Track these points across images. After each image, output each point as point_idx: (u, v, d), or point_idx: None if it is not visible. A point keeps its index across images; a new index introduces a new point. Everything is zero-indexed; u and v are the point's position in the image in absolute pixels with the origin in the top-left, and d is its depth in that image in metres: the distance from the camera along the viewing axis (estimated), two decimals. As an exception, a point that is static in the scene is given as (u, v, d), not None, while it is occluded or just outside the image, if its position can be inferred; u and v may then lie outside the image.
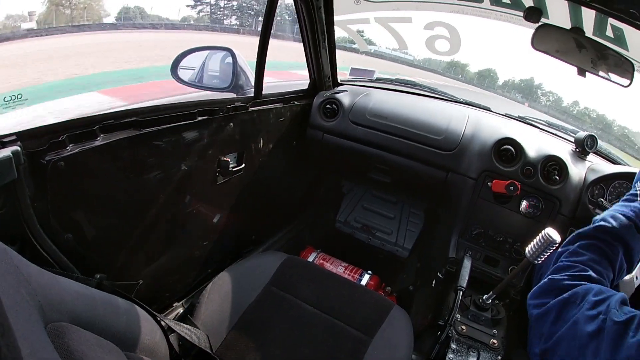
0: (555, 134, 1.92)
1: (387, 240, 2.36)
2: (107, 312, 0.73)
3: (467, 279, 1.41)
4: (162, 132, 1.16)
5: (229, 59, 1.67)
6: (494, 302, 1.48)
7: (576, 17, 1.38)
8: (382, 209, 2.44)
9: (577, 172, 1.55)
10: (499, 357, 1.34)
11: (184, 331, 1.00)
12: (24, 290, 0.52)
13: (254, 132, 1.62)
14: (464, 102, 2.11)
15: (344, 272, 1.90)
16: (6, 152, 0.77)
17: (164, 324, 0.94)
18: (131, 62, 8.55)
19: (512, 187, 1.49)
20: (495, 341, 1.38)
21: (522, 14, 1.42)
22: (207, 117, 1.33)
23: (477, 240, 1.66)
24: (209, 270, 1.66)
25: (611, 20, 1.35)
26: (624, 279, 1.02)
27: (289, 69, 8.56)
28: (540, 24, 1.36)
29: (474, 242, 1.67)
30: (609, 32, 1.42)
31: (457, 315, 1.44)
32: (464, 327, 1.41)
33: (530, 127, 1.96)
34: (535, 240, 1.15)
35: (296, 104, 1.87)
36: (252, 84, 1.60)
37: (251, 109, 1.55)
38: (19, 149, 0.80)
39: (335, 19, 1.79)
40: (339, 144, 1.89)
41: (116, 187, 1.09)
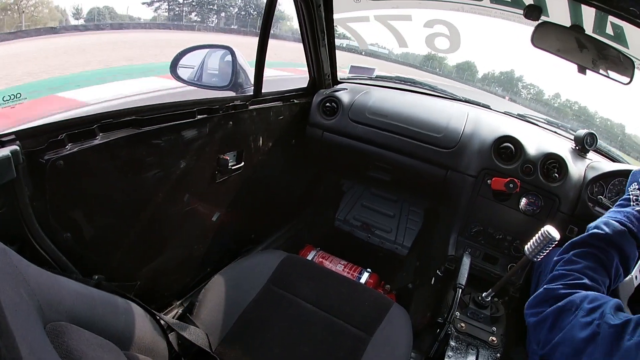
0: (555, 132, 1.92)
1: (387, 238, 2.36)
2: (106, 311, 0.73)
3: (466, 276, 1.41)
4: (161, 131, 1.16)
5: (229, 58, 1.67)
6: (493, 299, 1.48)
7: (576, 14, 1.38)
8: (381, 207, 2.44)
9: (576, 169, 1.55)
10: (498, 355, 1.35)
11: (183, 330, 1.00)
12: (22, 290, 0.52)
13: (253, 131, 1.62)
14: (463, 100, 2.11)
15: (343, 270, 1.91)
16: (5, 152, 0.77)
17: (163, 323, 0.94)
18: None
19: (511, 185, 1.49)
20: (494, 338, 1.38)
21: (522, 11, 1.42)
22: (206, 115, 1.32)
23: (476, 238, 1.66)
24: (208, 269, 1.66)
25: (611, 18, 1.35)
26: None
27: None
28: (540, 21, 1.36)
29: (473, 240, 1.67)
30: (609, 29, 1.42)
31: (456, 312, 1.44)
32: (463, 324, 1.41)
33: (529, 124, 1.96)
34: (534, 237, 1.15)
35: (295, 102, 1.86)
36: (252, 83, 1.60)
37: (250, 108, 1.54)
38: (17, 148, 0.80)
39: (334, 17, 1.78)
40: (339, 142, 1.89)
41: (115, 186, 1.08)
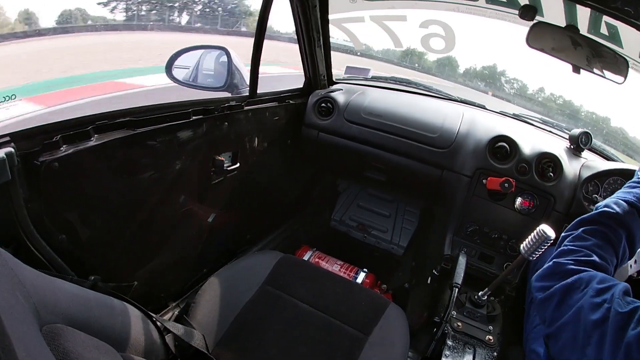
0: (549, 131, 1.93)
1: (383, 238, 2.36)
2: (102, 313, 0.73)
3: (462, 276, 1.41)
4: (157, 132, 1.16)
5: (224, 58, 1.66)
6: (490, 298, 1.49)
7: (571, 15, 1.39)
8: (377, 207, 2.44)
9: (571, 168, 1.56)
10: (495, 353, 1.35)
11: (180, 331, 0.99)
12: (18, 292, 0.51)
13: (248, 131, 1.62)
14: (458, 100, 2.12)
15: (339, 270, 1.90)
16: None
17: (159, 325, 0.94)
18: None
19: (506, 184, 1.50)
20: (491, 337, 1.38)
21: (517, 11, 1.43)
22: (201, 116, 1.32)
23: (472, 237, 1.67)
24: (205, 270, 1.65)
25: (606, 17, 1.36)
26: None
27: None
28: (535, 21, 1.37)
29: (469, 240, 1.68)
30: (604, 29, 1.42)
31: (453, 312, 1.44)
32: (459, 323, 1.42)
33: (524, 124, 1.97)
34: (530, 236, 1.16)
35: (291, 102, 1.86)
36: (247, 83, 1.60)
37: (246, 108, 1.54)
38: (12, 150, 0.80)
39: (330, 17, 1.78)
40: (334, 143, 1.89)
41: (110, 188, 1.08)
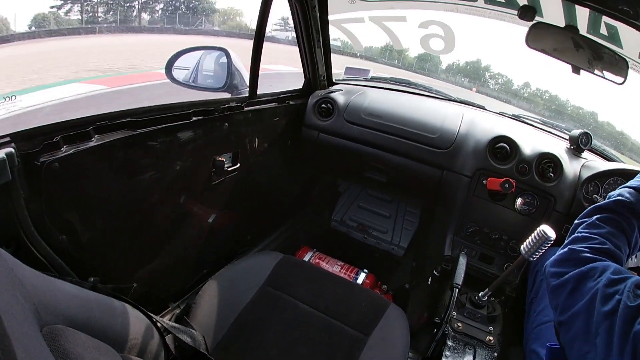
0: (549, 132, 1.93)
1: (383, 239, 2.36)
2: (102, 314, 0.73)
3: (462, 276, 1.41)
4: (157, 133, 1.16)
5: (224, 59, 1.67)
6: (490, 299, 1.48)
7: (570, 15, 1.39)
8: (377, 208, 2.44)
9: (571, 169, 1.56)
10: (495, 354, 1.35)
11: (180, 332, 0.99)
12: (18, 293, 0.51)
13: (248, 132, 1.62)
14: (458, 100, 2.12)
15: (340, 271, 1.90)
16: (0, 154, 0.77)
17: (159, 326, 0.94)
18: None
19: (507, 185, 1.50)
20: (491, 338, 1.38)
21: (516, 12, 1.43)
22: (201, 117, 1.32)
23: (472, 238, 1.67)
24: (205, 270, 1.65)
25: (605, 18, 1.36)
26: None
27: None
28: (534, 22, 1.37)
29: (469, 240, 1.68)
30: (603, 30, 1.43)
31: (453, 312, 1.44)
32: (460, 324, 1.42)
33: (524, 125, 1.97)
34: (530, 237, 1.16)
35: (291, 103, 1.86)
36: (247, 84, 1.59)
37: (246, 109, 1.54)
38: (12, 150, 0.80)
39: (329, 18, 1.78)
40: (334, 143, 1.89)
41: (111, 188, 1.08)
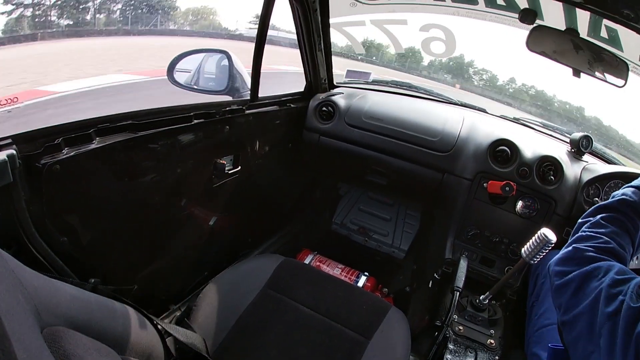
0: (550, 135, 1.93)
1: (384, 242, 2.36)
2: (103, 315, 0.73)
3: (463, 279, 1.41)
4: (158, 135, 1.16)
5: (225, 62, 1.67)
6: (491, 302, 1.48)
7: (571, 18, 1.40)
8: (378, 211, 2.44)
9: (572, 172, 1.56)
10: (497, 357, 1.35)
11: (181, 335, 0.99)
12: (19, 294, 0.51)
13: (250, 135, 1.62)
14: (459, 103, 2.12)
15: (340, 274, 1.90)
16: (1, 156, 0.77)
17: (160, 328, 0.94)
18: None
19: (507, 188, 1.50)
20: (492, 341, 1.38)
21: (517, 15, 1.43)
22: (203, 120, 1.32)
23: (473, 241, 1.66)
24: (206, 273, 1.65)
25: (605, 21, 1.37)
26: None
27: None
28: (534, 25, 1.37)
29: (470, 243, 1.67)
30: (604, 33, 1.43)
31: (454, 315, 1.44)
32: (461, 327, 1.41)
33: (525, 128, 1.97)
34: (531, 240, 1.15)
35: (292, 106, 1.86)
36: (249, 87, 1.60)
37: (247, 112, 1.54)
38: (14, 152, 0.80)
39: (330, 21, 1.79)
40: (335, 146, 1.89)
41: (112, 191, 1.08)
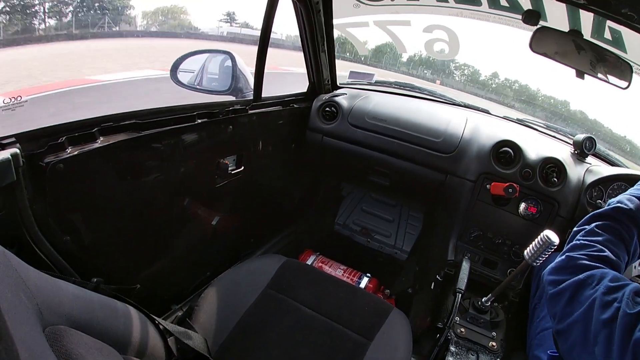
0: (554, 137, 1.92)
1: (386, 242, 2.36)
2: (105, 315, 0.73)
3: (465, 281, 1.41)
4: (161, 135, 1.16)
5: (228, 62, 1.68)
6: (493, 304, 1.48)
7: (574, 19, 1.39)
8: (381, 212, 2.44)
9: (575, 174, 1.55)
10: None
11: (182, 335, 0.99)
12: (22, 293, 0.51)
13: (253, 135, 1.62)
14: (462, 104, 2.12)
15: (342, 274, 1.90)
16: (5, 155, 0.77)
17: (162, 328, 0.94)
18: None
19: (510, 190, 1.49)
20: (494, 343, 1.37)
21: (520, 16, 1.43)
22: (206, 119, 1.33)
23: (475, 242, 1.66)
24: (208, 273, 1.65)
25: (609, 22, 1.36)
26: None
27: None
28: (538, 26, 1.37)
29: (472, 245, 1.67)
30: (607, 34, 1.42)
31: (456, 317, 1.43)
32: (463, 329, 1.41)
33: (528, 129, 1.96)
34: (534, 242, 1.15)
35: (295, 107, 1.86)
36: (252, 87, 1.60)
37: (250, 112, 1.54)
38: (18, 151, 0.80)
39: (334, 22, 1.79)
40: (338, 147, 1.89)
41: (115, 190, 1.09)
